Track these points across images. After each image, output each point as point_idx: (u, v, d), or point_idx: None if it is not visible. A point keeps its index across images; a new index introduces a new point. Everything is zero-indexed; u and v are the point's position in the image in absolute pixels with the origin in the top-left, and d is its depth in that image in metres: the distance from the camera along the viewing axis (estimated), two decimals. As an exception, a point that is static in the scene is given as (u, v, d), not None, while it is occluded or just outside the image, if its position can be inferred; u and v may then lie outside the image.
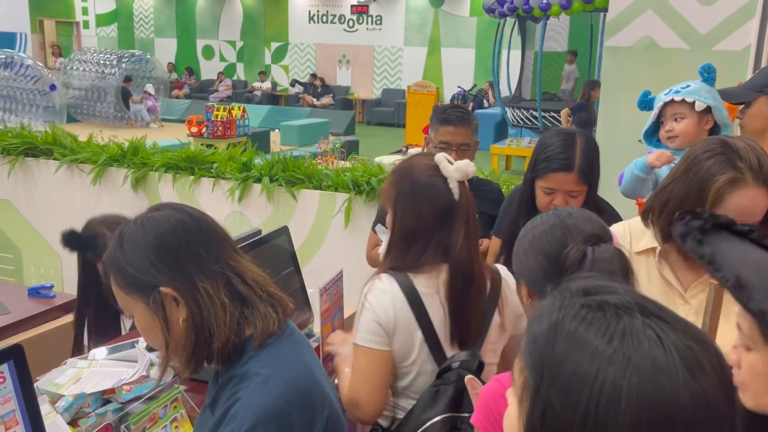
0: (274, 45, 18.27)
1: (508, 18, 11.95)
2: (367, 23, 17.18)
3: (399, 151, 11.49)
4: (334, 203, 3.79)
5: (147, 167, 4.20)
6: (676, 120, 2.14)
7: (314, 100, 16.85)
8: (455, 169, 1.53)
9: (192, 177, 4.08)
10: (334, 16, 17.42)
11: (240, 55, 18.73)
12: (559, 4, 10.92)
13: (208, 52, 19.07)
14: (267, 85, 17.89)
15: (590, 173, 1.89)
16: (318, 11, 17.59)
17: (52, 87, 12.51)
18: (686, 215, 1.00)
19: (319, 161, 8.32)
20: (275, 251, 2.22)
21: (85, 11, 18.36)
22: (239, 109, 9.62)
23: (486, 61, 14.87)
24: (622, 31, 3.35)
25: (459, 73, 16.32)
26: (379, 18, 17.05)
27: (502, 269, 1.66)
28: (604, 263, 1.15)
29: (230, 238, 1.25)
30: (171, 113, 15.22)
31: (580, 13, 10.78)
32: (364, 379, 1.51)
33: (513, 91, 12.88)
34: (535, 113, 11.27)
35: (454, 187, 1.53)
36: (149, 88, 14.23)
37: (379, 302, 1.52)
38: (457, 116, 2.37)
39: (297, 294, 2.27)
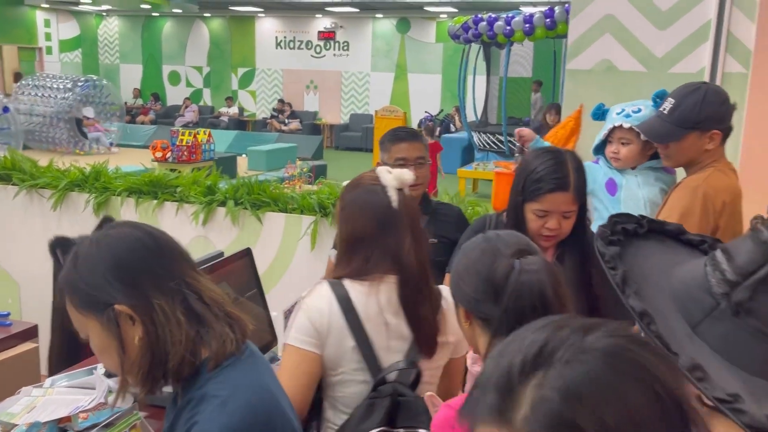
0: (241, 71, 18.27)
1: (473, 44, 12.15)
2: (334, 49, 17.30)
3: (367, 175, 11.51)
4: (300, 226, 3.77)
5: (109, 192, 4.14)
6: (622, 143, 2.27)
7: (282, 125, 16.85)
8: (393, 177, 1.60)
9: (155, 201, 4.03)
10: (302, 42, 17.52)
11: (207, 81, 18.67)
12: (523, 30, 11.13)
13: (175, 77, 18.98)
14: (234, 110, 17.84)
15: (584, 191, 1.86)
16: (285, 37, 17.67)
17: (5, 109, 12.31)
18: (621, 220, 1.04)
19: (286, 186, 8.32)
20: (237, 273, 2.20)
21: (48, 37, 18.15)
22: (205, 134, 9.57)
23: (452, 87, 15.05)
24: (582, 55, 3.42)
25: (426, 98, 16.49)
26: (346, 44, 17.19)
27: (444, 289, 1.66)
28: (532, 274, 1.24)
29: (189, 256, 1.23)
30: (136, 139, 15.07)
31: (543, 40, 11.01)
32: (288, 377, 1.49)
33: (479, 115, 13.05)
34: (501, 137, 11.41)
35: (392, 194, 1.57)
36: (87, 111, 13.97)
37: (315, 305, 1.55)
38: (407, 133, 2.44)
39: (261, 317, 2.25)
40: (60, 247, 2.30)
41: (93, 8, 18.11)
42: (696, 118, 2.04)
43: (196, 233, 3.90)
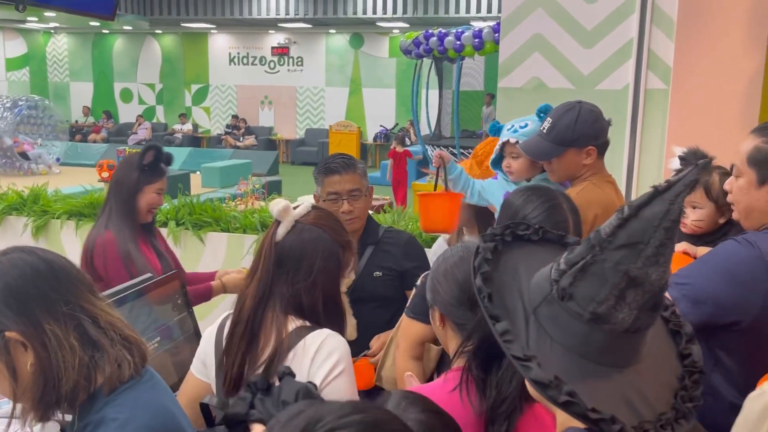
0: (195, 87, 18.15)
1: (425, 59, 12.31)
2: (288, 64, 17.33)
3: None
4: (243, 245, 3.78)
5: (48, 215, 4.09)
6: (512, 157, 2.38)
7: (237, 141, 16.77)
8: (274, 211, 1.55)
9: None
10: (255, 57, 17.50)
11: (159, 98, 18.50)
12: (472, 45, 11.33)
13: (127, 95, 18.76)
14: (188, 127, 17.71)
15: (581, 235, 1.71)
16: (239, 53, 17.63)
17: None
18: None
19: (238, 202, 8.26)
20: (166, 296, 2.21)
21: (-6, 55, 17.81)
22: (154, 152, 9.48)
23: (406, 101, 15.21)
24: (513, 73, 3.52)
25: (381, 112, 16.62)
26: (300, 59, 17.24)
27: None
28: None
29: (87, 279, 1.24)
30: (87, 158, 14.83)
31: (493, 54, 11.22)
32: (183, 402, 1.51)
33: (433, 129, 13.21)
34: (454, 150, 11.57)
35: (281, 228, 1.52)
36: (21, 136, 13.63)
37: (207, 333, 1.61)
38: (340, 163, 2.26)
39: (191, 338, 2.26)
40: None
41: (41, 26, 17.81)
42: (571, 137, 2.17)
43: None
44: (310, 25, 16.03)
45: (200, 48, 17.90)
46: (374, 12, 14.27)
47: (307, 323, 1.50)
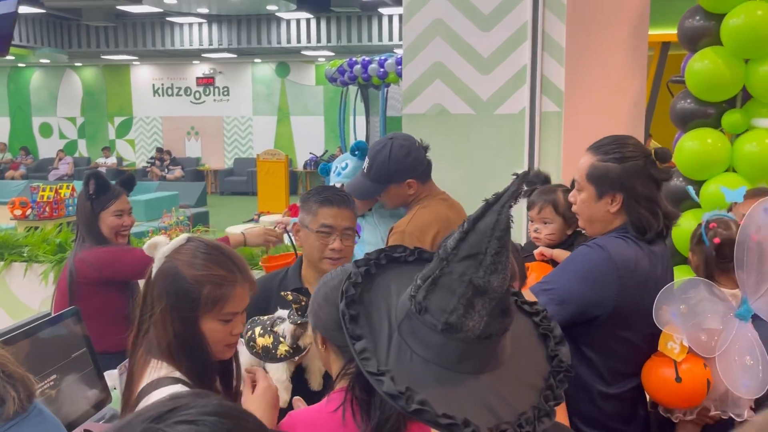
0: (118, 120, 17.79)
1: (351, 86, 12.47)
2: (214, 94, 17.22)
3: (251, 220, 11.45)
4: (156, 278, 3.75)
5: (-48, 255, 3.96)
6: None
7: (162, 172, 16.49)
8: (144, 248, 1.49)
9: (2, 263, 3.89)
10: (180, 88, 17.32)
11: (81, 132, 18.03)
12: (396, 72, 11.52)
13: (46, 129, 18.20)
14: (112, 160, 17.30)
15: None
16: (162, 84, 17.41)
17: None
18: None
19: (162, 236, 8.12)
20: (64, 333, 2.18)
21: None
22: (68, 188, 9.29)
23: (335, 127, 15.31)
24: (417, 100, 3.65)
25: (310, 139, 16.67)
26: (226, 89, 17.16)
27: None
28: None
29: None
30: (4, 195, 14.26)
31: (413, 80, 11.40)
32: None
33: (360, 154, 13.33)
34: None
35: (154, 265, 1.48)
36: None
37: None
38: (341, 197, 2.11)
39: (91, 375, 2.23)
40: None
41: (-48, 60, 17.17)
42: (388, 174, 2.34)
43: (47, 294, 3.79)
44: (234, 55, 16.01)
45: (123, 80, 17.59)
46: (299, 41, 14.38)
47: (174, 373, 1.42)
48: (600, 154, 1.94)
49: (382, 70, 11.57)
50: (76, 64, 17.33)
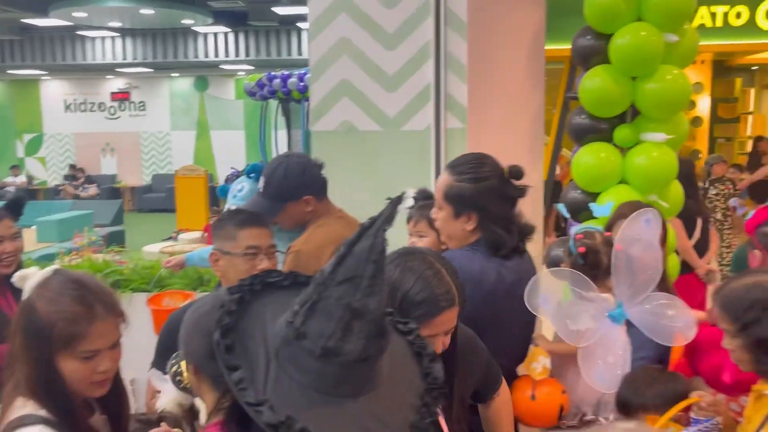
0: (27, 137, 17.03)
1: (271, 100, 12.38)
2: (130, 109, 16.75)
3: (170, 238, 11.16)
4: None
5: None
6: None
7: (76, 191, 15.89)
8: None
9: None
10: (93, 104, 16.76)
11: (-13, 150, 17.17)
12: (314, 86, 11.49)
13: (-52, 148, 17.25)
14: (21, 179, 16.53)
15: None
16: (75, 100, 16.81)
17: None
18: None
19: (74, 257, 7.80)
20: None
21: None
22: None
23: (256, 142, 15.16)
24: (325, 117, 3.67)
25: (230, 154, 16.39)
26: (142, 104, 16.73)
27: None
28: None
29: None
30: None
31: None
32: None
33: (282, 169, 13.22)
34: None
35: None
36: None
37: None
38: (257, 216, 2.10)
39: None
40: None
41: None
42: (285, 192, 2.34)
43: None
44: (151, 69, 15.63)
45: (31, 95, 16.87)
46: (217, 55, 14.18)
47: (40, 411, 1.37)
48: (456, 174, 2.00)
49: (302, 84, 11.53)
50: (-20, 79, 16.53)
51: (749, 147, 11.65)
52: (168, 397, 1.65)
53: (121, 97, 16.64)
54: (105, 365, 1.42)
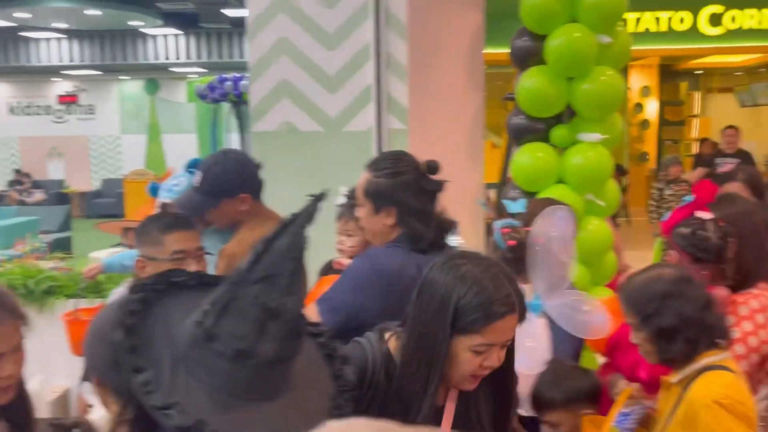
0: (-31, 141, 16.50)
1: (223, 102, 12.23)
2: (78, 113, 16.34)
3: (119, 244, 10.91)
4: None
5: None
6: None
7: (21, 196, 15.42)
8: None
9: None
10: (40, 107, 16.31)
11: (-75, 155, 16.56)
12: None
13: None
14: (-37, 185, 15.99)
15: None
16: (19, 102, 16.32)
17: None
18: None
19: (16, 263, 7.55)
20: None
21: None
22: None
23: (209, 145, 14.96)
24: (265, 117, 3.63)
25: (183, 158, 15.98)
26: (91, 107, 16.34)
27: None
28: None
29: None
30: None
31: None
32: None
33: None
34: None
35: None
36: None
37: None
38: (182, 219, 2.05)
39: None
40: None
41: None
42: (221, 188, 2.27)
43: None
44: (99, 72, 15.29)
45: (-27, 98, 16.34)
46: (167, 57, 13.96)
47: None
48: (374, 171, 2.03)
49: (254, 87, 11.51)
50: None
51: (695, 149, 12.00)
52: (102, 412, 1.59)
53: (69, 100, 16.23)
54: (8, 369, 1.37)
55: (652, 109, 13.12)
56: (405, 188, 1.99)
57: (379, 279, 1.95)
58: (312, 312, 1.99)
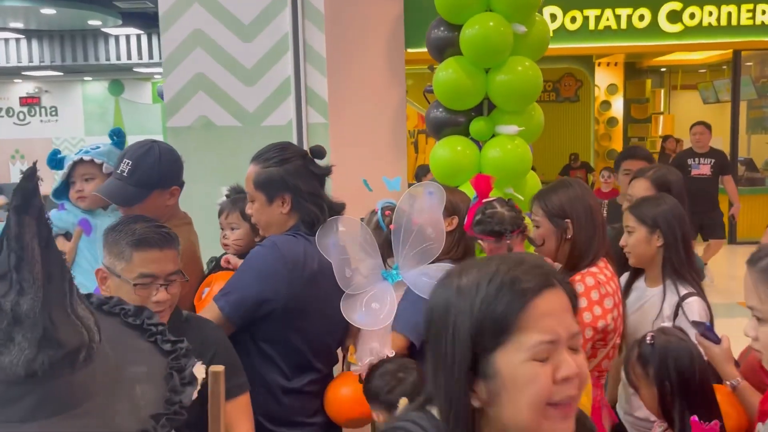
0: (-72, 144, 16.16)
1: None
2: (40, 115, 16.07)
3: (78, 247, 10.72)
4: None
5: None
6: (86, 180, 2.28)
7: (-17, 201, 15.13)
8: None
9: None
10: (1, 109, 16.01)
11: None
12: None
13: None
14: (-77, 189, 15.64)
15: None
16: (-20, 105, 16.04)
17: None
18: None
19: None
20: None
21: None
22: None
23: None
24: (180, 112, 3.51)
25: (149, 160, 15.96)
26: (54, 109, 16.08)
27: None
28: None
29: None
30: None
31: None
32: None
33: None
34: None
35: None
36: None
37: None
38: (161, 235, 1.69)
39: None
40: None
41: None
42: (156, 179, 2.15)
43: None
44: (61, 73, 15.03)
45: (-68, 100, 16.01)
46: (129, 58, 13.75)
47: None
48: (261, 163, 2.06)
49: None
50: None
51: (659, 147, 12.03)
52: None
53: (31, 101, 15.95)
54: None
55: (618, 106, 13.15)
56: (295, 174, 2.03)
57: (284, 266, 1.97)
58: (212, 310, 1.94)
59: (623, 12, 9.56)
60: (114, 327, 1.06)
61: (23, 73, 14.87)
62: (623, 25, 9.64)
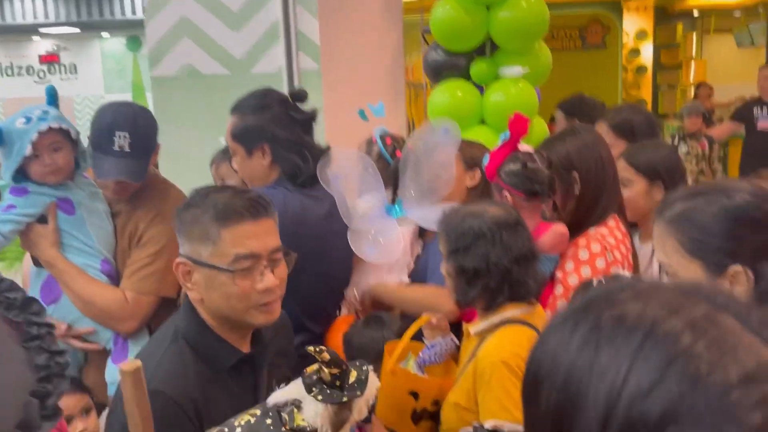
0: (-49, 104, 16.26)
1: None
2: (60, 73, 16.01)
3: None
4: None
5: None
6: (55, 151, 1.96)
7: None
8: None
9: None
10: (21, 67, 15.97)
11: None
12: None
13: None
14: (-51, 149, 15.82)
15: None
16: (1, 63, 16.00)
17: None
18: None
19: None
20: None
21: None
22: None
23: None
24: (164, 61, 3.31)
25: (169, 117, 15.90)
26: (73, 66, 15.99)
27: None
28: None
29: None
30: None
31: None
32: None
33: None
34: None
35: None
36: None
37: None
38: (254, 201, 1.35)
39: None
40: None
41: None
42: (151, 143, 2.01)
43: None
44: (78, 30, 14.89)
45: (-46, 60, 16.04)
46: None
47: None
48: (238, 113, 1.94)
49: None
50: None
51: (691, 94, 11.50)
52: None
53: (50, 59, 15.88)
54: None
55: (647, 54, 12.59)
56: (274, 121, 1.90)
57: (292, 225, 1.76)
58: None
59: (654, -49, 9.06)
60: None
61: (42, 30, 14.76)
62: (654, -34, 9.15)
